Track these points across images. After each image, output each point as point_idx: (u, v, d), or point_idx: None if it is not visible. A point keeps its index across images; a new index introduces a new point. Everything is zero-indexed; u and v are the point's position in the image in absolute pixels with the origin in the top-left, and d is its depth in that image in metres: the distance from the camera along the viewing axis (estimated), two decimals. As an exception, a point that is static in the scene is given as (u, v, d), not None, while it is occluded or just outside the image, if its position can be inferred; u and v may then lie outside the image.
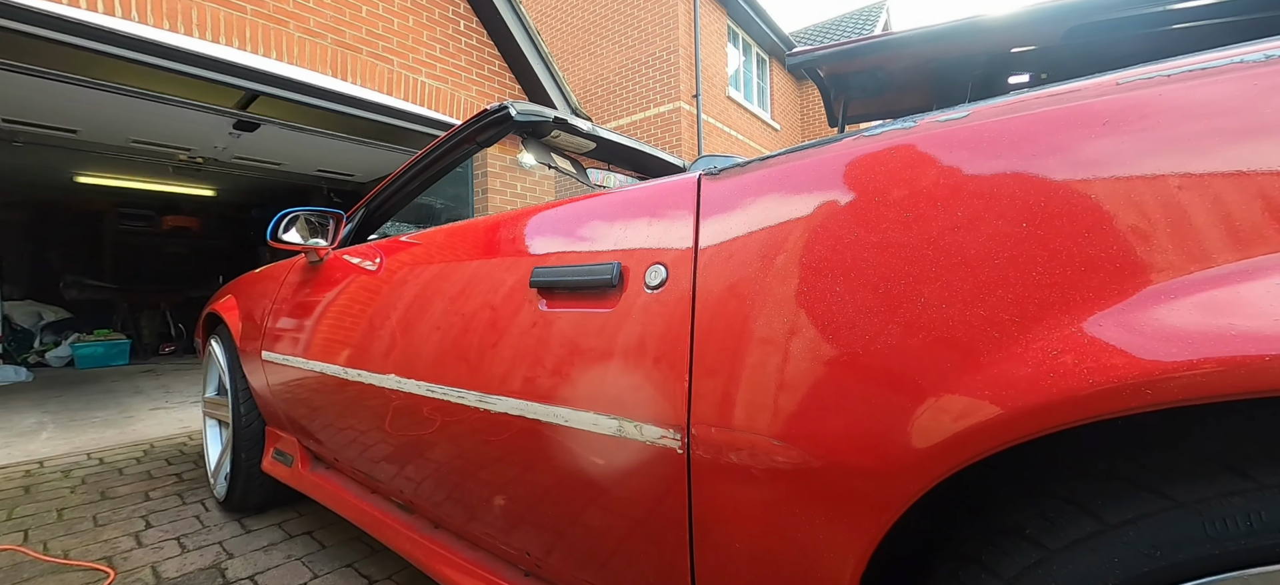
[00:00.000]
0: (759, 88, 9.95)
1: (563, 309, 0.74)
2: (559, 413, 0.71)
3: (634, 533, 0.68)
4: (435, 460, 1.01)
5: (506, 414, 0.79)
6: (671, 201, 0.69)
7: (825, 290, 0.52)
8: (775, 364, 0.54)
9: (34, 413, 3.50)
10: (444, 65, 4.27)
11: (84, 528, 1.76)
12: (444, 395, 0.90)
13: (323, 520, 1.81)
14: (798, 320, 0.53)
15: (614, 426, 0.65)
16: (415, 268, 1.08)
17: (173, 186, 6.80)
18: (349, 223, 1.48)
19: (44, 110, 3.94)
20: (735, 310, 0.57)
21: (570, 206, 0.82)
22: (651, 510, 0.65)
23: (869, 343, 0.49)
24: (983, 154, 0.48)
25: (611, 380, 0.66)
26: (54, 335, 6.18)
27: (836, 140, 0.58)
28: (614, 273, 0.68)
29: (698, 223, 0.64)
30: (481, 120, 1.34)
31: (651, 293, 0.65)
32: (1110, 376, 0.37)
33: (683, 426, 0.60)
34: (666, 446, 0.61)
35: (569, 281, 0.73)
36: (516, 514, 0.87)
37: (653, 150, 1.86)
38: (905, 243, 0.49)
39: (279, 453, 1.70)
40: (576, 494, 0.74)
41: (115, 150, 4.96)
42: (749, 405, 0.55)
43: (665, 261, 0.65)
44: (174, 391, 4.24)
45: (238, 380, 1.77)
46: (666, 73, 7.65)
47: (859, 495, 0.49)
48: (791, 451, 0.52)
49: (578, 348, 0.71)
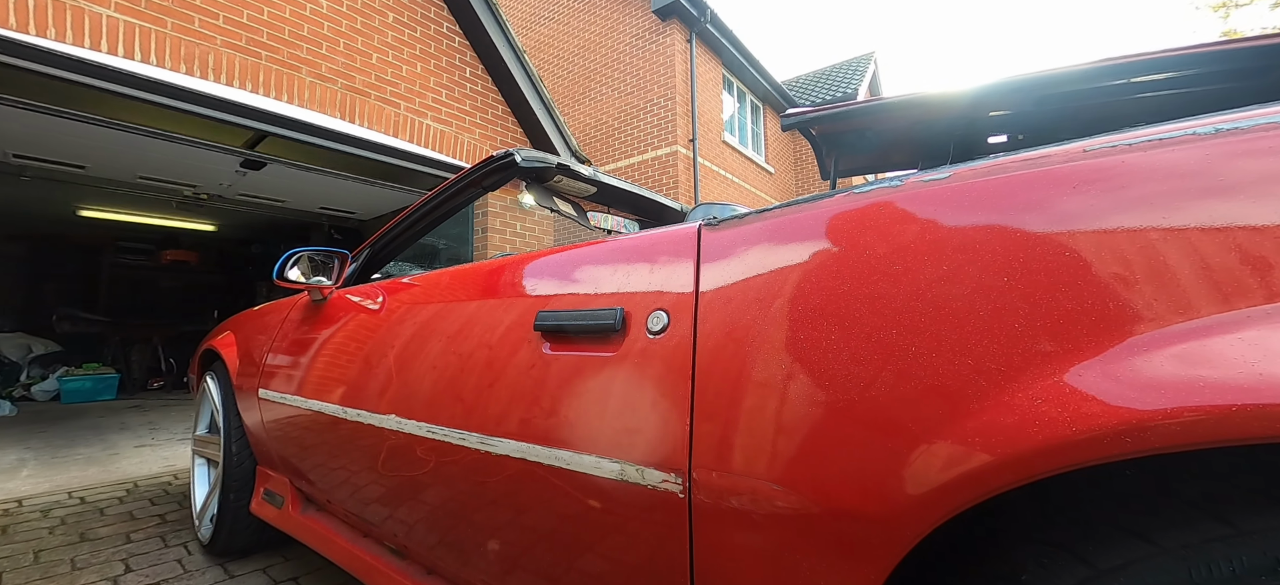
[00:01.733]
0: (753, 133, 10.25)
1: (565, 352, 0.76)
2: (561, 455, 0.72)
3: (634, 577, 0.68)
4: (432, 502, 1.01)
5: (507, 456, 0.79)
6: (673, 249, 0.71)
7: (821, 338, 0.54)
8: (774, 409, 0.55)
9: (15, 449, 3.42)
10: (449, 109, 4.40)
11: (61, 571, 1.70)
12: (444, 436, 0.90)
13: (309, 565, 1.76)
14: (794, 366, 0.55)
15: (616, 470, 0.66)
16: (419, 308, 1.10)
17: (175, 221, 6.85)
18: (354, 262, 1.51)
19: (54, 146, 4.01)
20: (734, 356, 0.59)
21: (574, 251, 0.85)
22: (652, 555, 0.65)
23: (863, 390, 0.51)
24: (965, 211, 0.51)
25: (613, 424, 0.68)
26: (41, 368, 6.10)
27: (828, 196, 0.61)
28: (617, 318, 0.70)
29: (698, 270, 0.67)
30: (488, 166, 1.39)
31: (654, 338, 0.67)
32: (1091, 425, 0.39)
33: (684, 471, 0.61)
34: (668, 490, 0.62)
35: (572, 325, 0.75)
36: (514, 557, 0.86)
37: (652, 195, 1.91)
38: (894, 294, 0.51)
39: (269, 493, 1.67)
40: (576, 538, 0.74)
41: (122, 186, 5.02)
42: (749, 450, 0.56)
43: (667, 307, 0.68)
44: (160, 428, 4.17)
45: (232, 418, 1.75)
46: (664, 118, 7.89)
47: (858, 540, 0.50)
48: (791, 496, 0.53)
49: (580, 391, 0.72)
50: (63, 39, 2.70)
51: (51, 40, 2.66)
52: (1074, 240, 0.45)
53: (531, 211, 4.99)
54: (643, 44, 8.24)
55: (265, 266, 7.99)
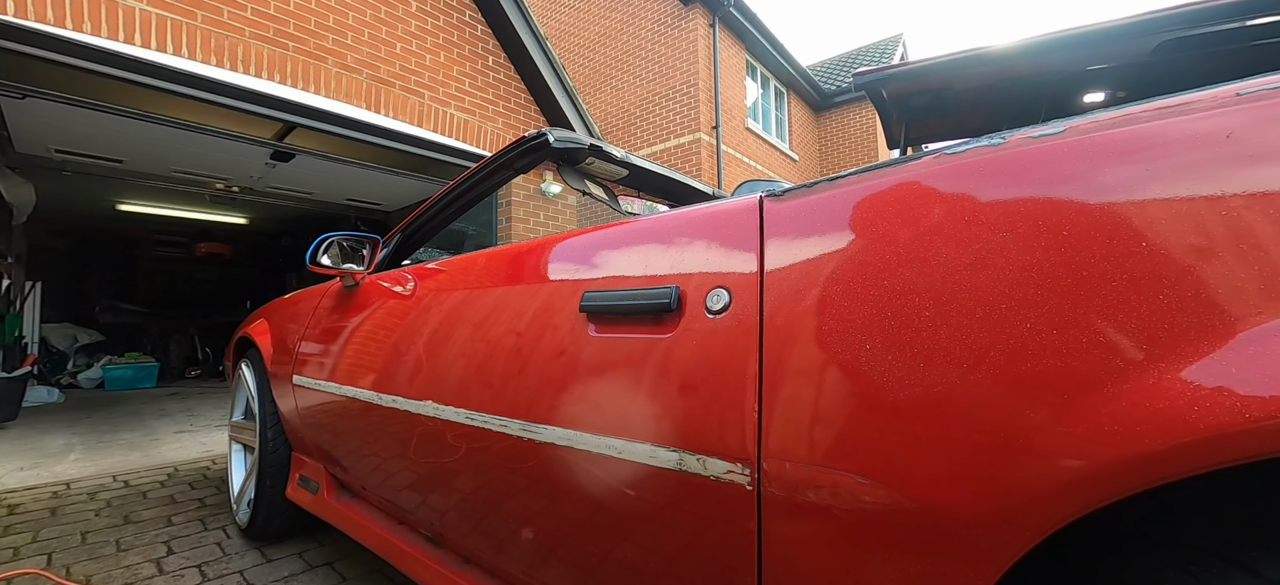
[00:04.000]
0: (777, 119, 10.04)
1: (615, 334, 0.71)
2: (611, 444, 0.67)
3: (691, 575, 0.63)
4: (469, 490, 0.98)
5: (552, 444, 0.75)
6: (732, 223, 0.66)
7: (917, 317, 0.48)
8: (862, 395, 0.50)
9: (63, 434, 3.55)
10: (472, 98, 4.39)
11: (107, 552, 1.74)
12: (484, 423, 0.87)
13: (343, 550, 1.77)
14: (886, 349, 0.49)
15: (674, 460, 0.61)
16: (454, 292, 1.07)
17: (208, 214, 7.02)
18: (385, 247, 1.49)
19: (93, 141, 4.12)
20: (810, 337, 0.54)
21: (622, 228, 0.80)
22: (714, 551, 0.60)
23: (968, 374, 0.45)
24: (1088, 171, 0.44)
25: (670, 410, 0.63)
26: (86, 357, 6.34)
27: (917, 157, 0.55)
28: (672, 297, 0.65)
29: (763, 245, 0.62)
30: (520, 147, 1.35)
31: (714, 318, 0.62)
32: (1260, 415, 0.33)
33: (752, 461, 0.56)
34: (734, 482, 0.57)
35: (622, 306, 0.70)
36: (557, 549, 0.82)
37: (684, 178, 1.85)
38: (1006, 265, 0.45)
39: (304, 479, 1.67)
40: (626, 530, 0.69)
41: (157, 179, 5.15)
42: (831, 439, 0.51)
43: (728, 285, 0.62)
44: (198, 415, 4.28)
45: (267, 404, 1.76)
46: (686, 105, 7.77)
47: (961, 543, 0.44)
48: (882, 492, 0.48)
49: (632, 375, 0.67)
50: (98, 33, 2.74)
51: (87, 34, 2.71)
52: (1242, 200, 0.38)
53: (555, 200, 4.96)
54: (665, 30, 8.11)
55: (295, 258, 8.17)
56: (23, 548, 1.77)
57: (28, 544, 1.80)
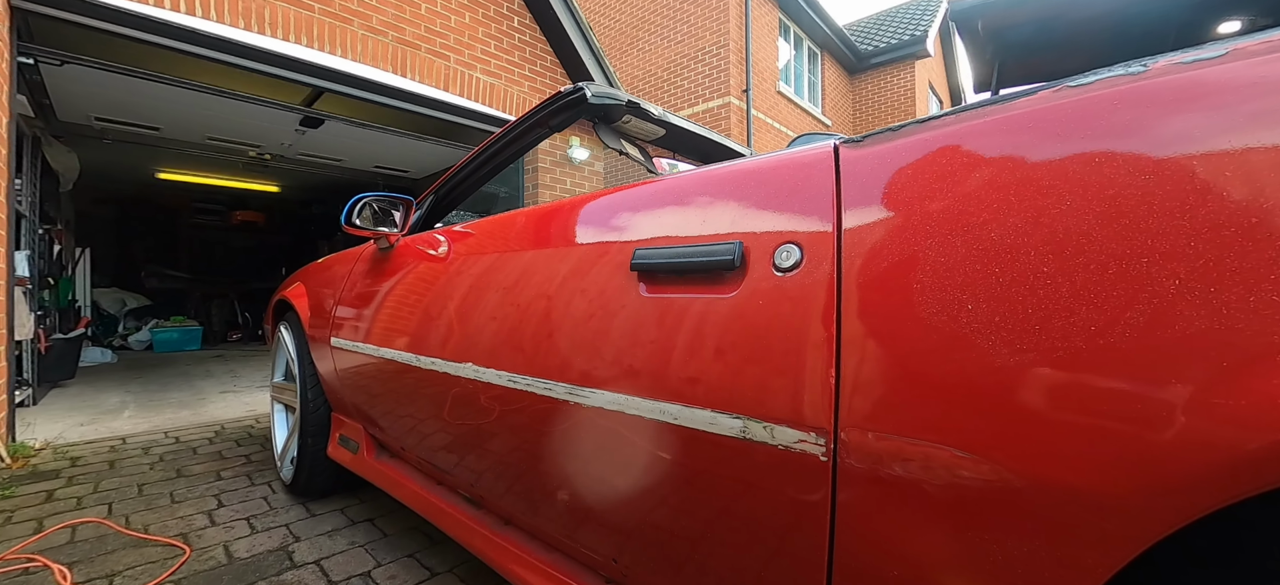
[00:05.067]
0: (810, 82, 9.66)
1: (669, 294, 0.67)
2: (667, 409, 0.64)
3: (752, 548, 0.60)
4: (511, 454, 0.96)
5: (601, 409, 0.72)
6: (803, 175, 0.60)
7: (1030, 274, 0.42)
8: (967, 363, 0.44)
9: (117, 392, 3.72)
10: (498, 61, 4.30)
11: (162, 503, 1.82)
12: (526, 386, 0.84)
13: (383, 508, 1.81)
14: (996, 312, 0.43)
15: (737, 427, 0.57)
16: (493, 253, 1.04)
17: (242, 183, 7.17)
18: (418, 209, 1.46)
19: (131, 109, 4.20)
20: (902, 297, 0.48)
21: (676, 183, 0.74)
22: (780, 525, 0.57)
23: (1098, 336, 0.39)
24: (1258, 103, 0.37)
25: (733, 374, 0.58)
26: (135, 321, 6.63)
27: (1028, 92, 0.48)
28: (735, 253, 0.60)
29: (839, 197, 0.56)
30: (556, 102, 1.29)
31: (783, 275, 0.57)
32: None
33: (828, 430, 0.51)
34: (806, 452, 0.53)
35: (679, 263, 0.65)
36: (602, 515, 0.80)
37: (722, 139, 1.77)
38: (1153, 214, 0.39)
39: (344, 438, 1.70)
40: (683, 500, 0.66)
41: (192, 147, 5.25)
42: (923, 409, 0.46)
43: (799, 241, 0.57)
44: (241, 376, 4.45)
45: (306, 366, 1.79)
46: (716, 67, 7.51)
47: (1078, 528, 0.39)
48: (984, 467, 0.43)
49: (689, 337, 0.63)
50: (131, -3, 2.74)
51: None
52: None
53: (581, 166, 4.89)
54: (694, -13, 7.80)
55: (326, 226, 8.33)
56: (85, 498, 1.86)
57: (90, 494, 1.89)
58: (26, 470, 2.12)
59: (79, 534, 1.59)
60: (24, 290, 3.05)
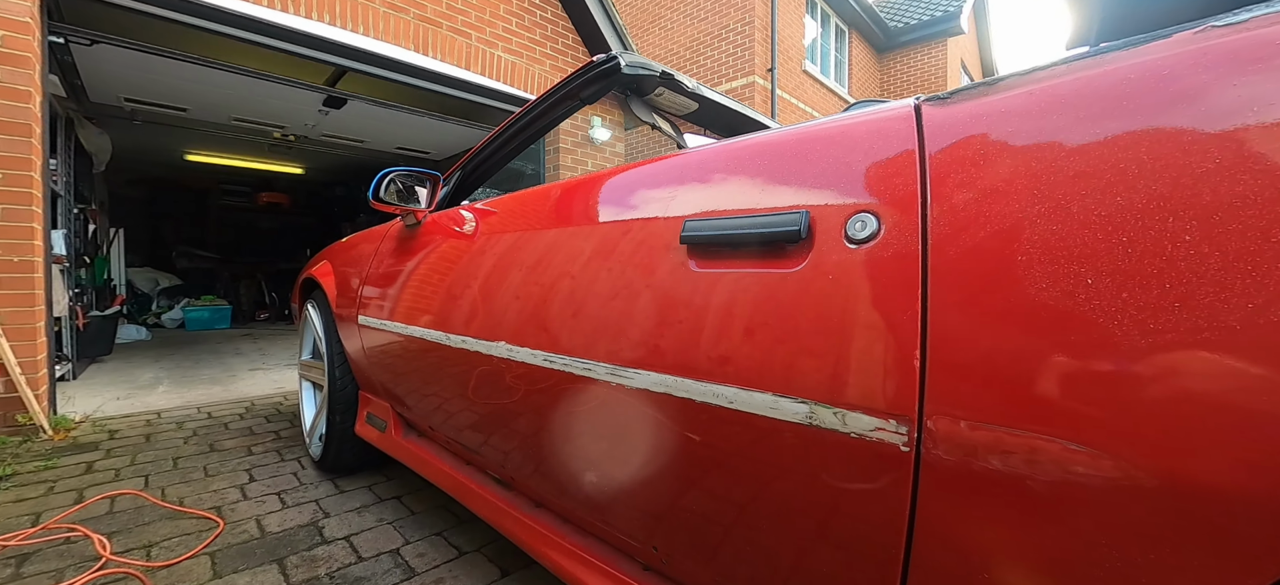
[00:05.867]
0: (837, 61, 9.38)
1: (723, 269, 0.62)
2: (720, 392, 0.59)
3: (814, 544, 0.56)
4: (546, 436, 0.93)
5: (646, 390, 0.68)
6: (879, 137, 0.54)
7: (1174, 246, 0.36)
8: (1079, 344, 0.39)
9: (152, 368, 3.82)
10: (519, 39, 4.24)
11: (196, 477, 1.85)
12: (564, 366, 0.80)
13: (410, 485, 1.81)
14: (1118, 287, 0.38)
15: (802, 412, 0.53)
16: (526, 228, 1.00)
17: (267, 164, 7.26)
18: (445, 185, 1.43)
19: (159, 89, 4.24)
20: (1003, 272, 0.43)
21: (731, 149, 0.69)
22: (849, 519, 0.52)
23: (1261, 314, 0.33)
24: None
25: (798, 355, 0.54)
26: (168, 299, 6.81)
27: (1158, 37, 0.42)
28: (801, 223, 0.55)
29: (924, 161, 0.50)
30: (588, 72, 1.24)
31: (856, 247, 0.52)
32: None
33: (911, 417, 0.46)
34: (884, 442, 0.48)
35: (735, 236, 0.60)
36: (646, 503, 0.76)
37: (758, 116, 1.70)
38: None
39: (372, 417, 1.70)
40: (734, 489, 0.62)
41: (219, 128, 5.31)
42: (1030, 396, 0.40)
43: (875, 209, 0.51)
44: (269, 354, 4.53)
45: (333, 344, 1.79)
46: (740, 45, 7.32)
47: (1228, 534, 0.34)
48: (1104, 463, 0.37)
49: (748, 315, 0.58)
50: (156, -27, 2.74)
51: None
52: None
53: (602, 147, 4.83)
54: (718, -39, 7.58)
55: (349, 207, 8.41)
56: (123, 470, 1.90)
57: (127, 466, 1.93)
58: (67, 442, 2.18)
59: (117, 505, 1.62)
60: (61, 268, 3.12)
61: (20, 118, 2.25)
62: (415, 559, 1.37)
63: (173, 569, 1.28)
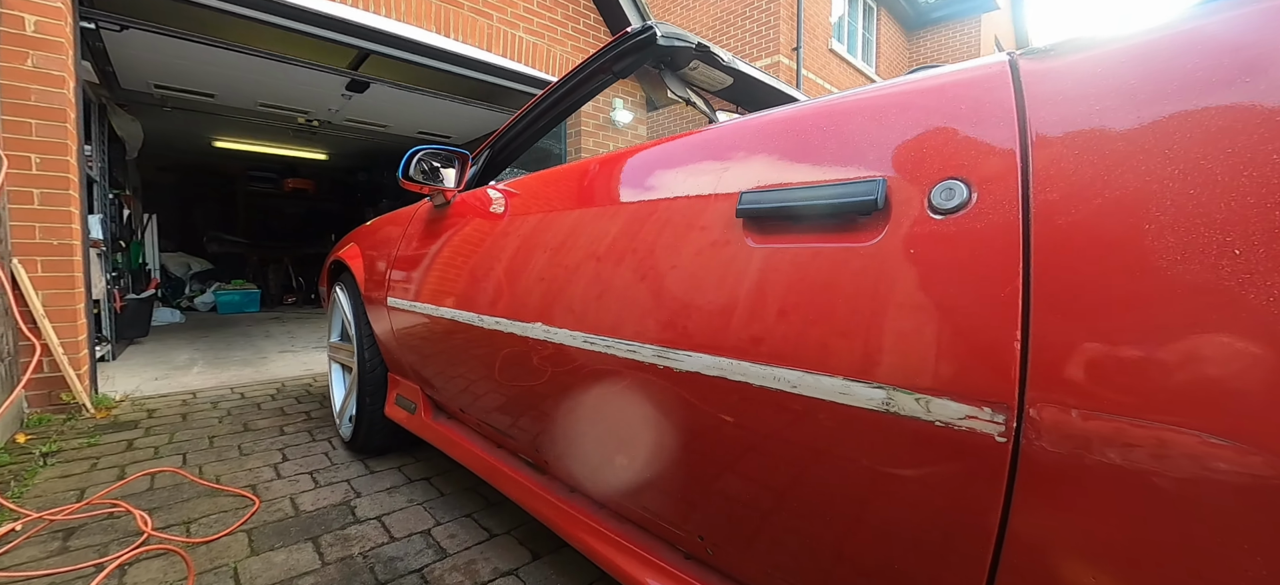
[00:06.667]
0: (864, 39, 9.09)
1: (786, 244, 0.57)
2: (783, 376, 0.55)
3: (885, 541, 0.52)
4: (584, 421, 0.90)
5: (697, 373, 0.64)
6: (968, 97, 0.49)
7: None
8: (1220, 324, 0.34)
9: (187, 350, 3.92)
10: (541, 19, 4.18)
11: (231, 456, 1.88)
12: (606, 348, 0.77)
13: (439, 467, 1.82)
14: (1273, 259, 0.33)
15: (877, 399, 0.48)
16: (563, 205, 0.96)
17: (292, 150, 7.36)
18: (474, 164, 1.40)
19: (187, 75, 4.30)
20: (1127, 243, 0.38)
21: (791, 115, 0.64)
22: (928, 515, 0.48)
23: None
24: None
25: (873, 335, 0.49)
26: (200, 284, 6.99)
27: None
28: (877, 193, 0.50)
29: (1023, 120, 0.45)
30: (622, 44, 1.19)
31: (942, 218, 0.47)
32: None
33: (1010, 405, 0.42)
34: (975, 431, 0.43)
35: (799, 208, 0.56)
36: (692, 492, 0.73)
37: (796, 92, 1.63)
38: None
39: (401, 399, 1.70)
40: (793, 479, 0.58)
41: (245, 114, 5.38)
42: (1159, 383, 0.36)
43: (966, 176, 0.46)
44: (298, 337, 4.62)
45: (362, 326, 1.79)
46: (765, 23, 7.13)
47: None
48: (1254, 460, 0.32)
49: (813, 292, 0.54)
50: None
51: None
52: None
53: (624, 130, 4.76)
54: (741, -64, 7.37)
55: (371, 193, 8.49)
56: (162, 448, 1.94)
57: (165, 444, 1.98)
58: (108, 420, 2.24)
59: (157, 482, 1.65)
60: (98, 252, 3.20)
61: (55, 102, 2.28)
62: (446, 540, 1.37)
63: (211, 546, 1.30)
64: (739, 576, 0.74)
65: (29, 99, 2.23)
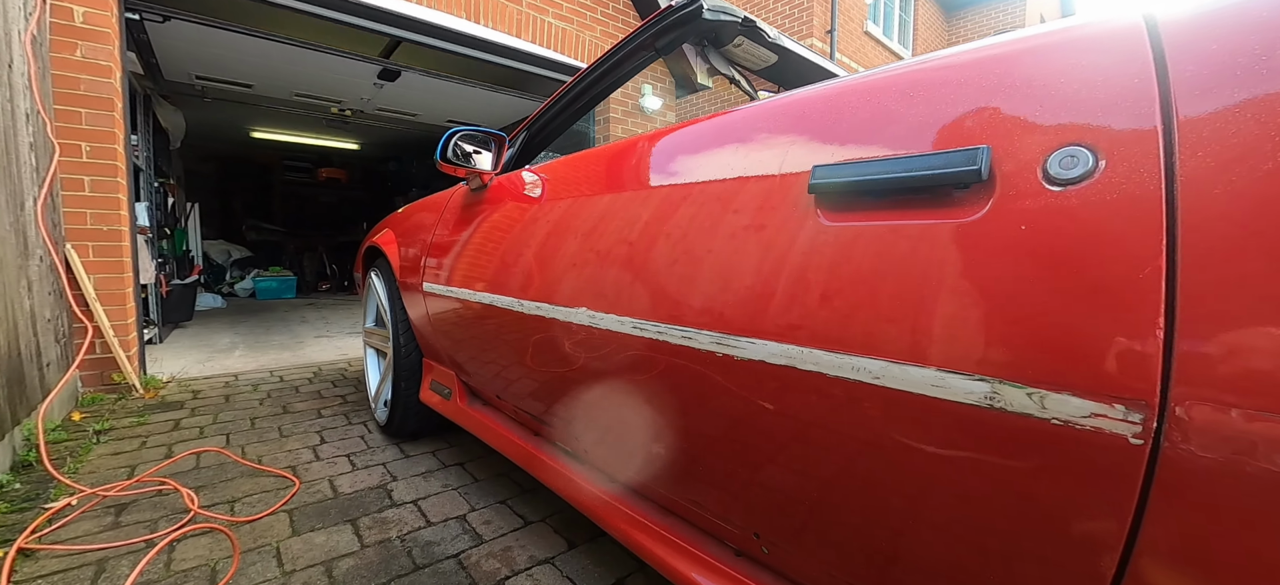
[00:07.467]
0: (901, 21, 8.77)
1: (867, 221, 0.52)
2: (862, 365, 0.50)
3: (981, 554, 0.47)
4: (631, 409, 0.87)
5: (761, 362, 0.60)
6: (1093, 54, 0.43)
7: None
8: None
9: (228, 334, 4.04)
10: (570, 4, 4.13)
11: (272, 437, 1.91)
12: (658, 334, 0.73)
13: (473, 452, 1.82)
14: None
15: (981, 392, 0.43)
16: (608, 187, 0.92)
17: (325, 140, 7.51)
18: (511, 147, 1.37)
19: (226, 66, 4.40)
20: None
21: (868, 81, 0.59)
22: (1037, 524, 0.43)
23: None
24: None
25: (975, 321, 0.44)
26: (239, 270, 7.22)
27: None
28: (980, 162, 0.44)
29: (1166, 80, 0.39)
30: (666, 19, 1.14)
31: (1062, 189, 0.41)
32: None
33: (1149, 403, 0.36)
34: (1103, 430, 0.38)
35: (882, 182, 0.51)
36: (750, 488, 0.69)
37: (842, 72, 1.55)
38: None
39: (436, 384, 1.70)
40: (872, 478, 0.53)
41: (281, 104, 5.50)
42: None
43: (1092, 142, 0.41)
44: (332, 322, 4.72)
45: (397, 311, 1.79)
46: (798, 5, 6.92)
47: None
48: None
49: (900, 274, 0.49)
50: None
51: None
52: None
53: (653, 117, 4.69)
54: (772, -84, 7.16)
55: (401, 181, 8.62)
56: (206, 428, 1.99)
57: (210, 424, 2.03)
58: (156, 401, 2.32)
59: (202, 461, 1.69)
60: (145, 238, 3.31)
61: (103, 92, 2.34)
62: (482, 526, 1.36)
63: (255, 525, 1.32)
64: (796, 577, 0.70)
65: (78, 88, 2.29)
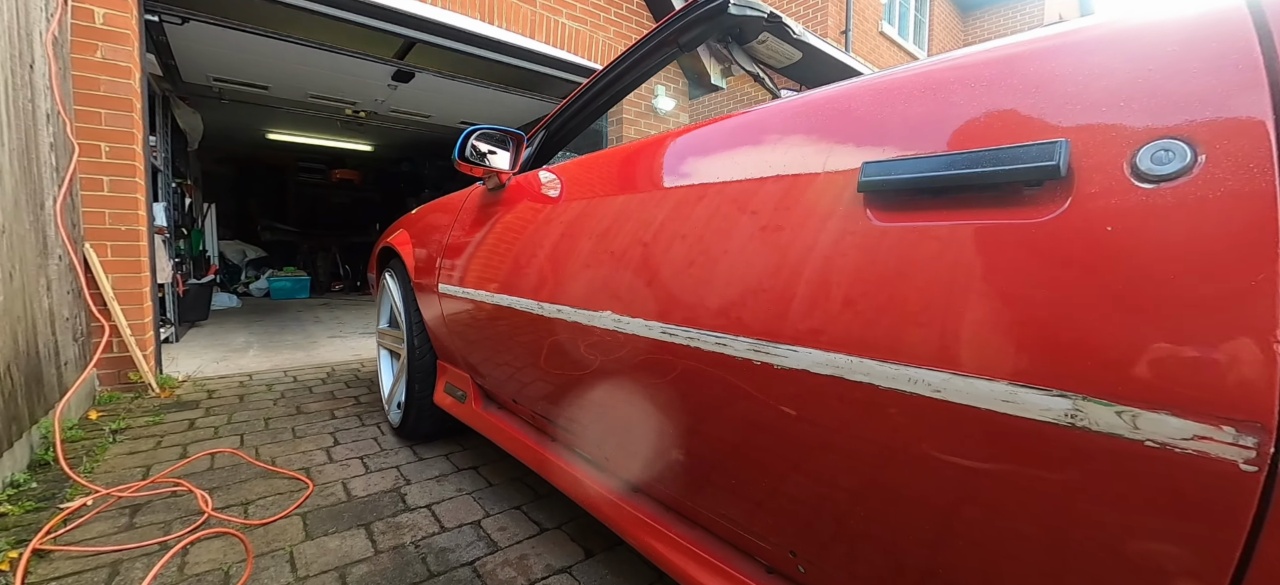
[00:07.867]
0: (917, 21, 8.67)
1: (923, 222, 0.48)
2: (921, 377, 0.47)
3: (1054, 580, 0.43)
4: (658, 418, 0.83)
5: (805, 371, 0.56)
6: (1190, 39, 0.39)
7: None
8: None
9: (243, 333, 4.07)
10: (583, 4, 4.11)
11: (285, 438, 1.90)
12: (689, 340, 0.70)
13: (486, 456, 1.79)
14: None
15: (1061, 409, 0.39)
16: (632, 186, 0.89)
17: (339, 142, 7.56)
18: (529, 145, 1.35)
19: (243, 68, 4.44)
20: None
21: (922, 72, 0.55)
22: (1121, 560, 0.39)
23: None
24: None
25: (1050, 332, 0.40)
26: (254, 270, 7.29)
27: None
28: (1058, 156, 0.41)
29: (1276, 71, 0.35)
30: (691, 13, 1.11)
31: (1154, 187, 0.37)
32: None
33: (1266, 425, 0.32)
34: (1208, 455, 0.34)
35: (944, 179, 0.47)
36: (788, 504, 0.65)
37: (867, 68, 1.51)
38: None
39: (450, 386, 1.68)
40: (933, 500, 0.50)
41: (296, 105, 5.54)
42: None
43: (1188, 135, 0.37)
44: (345, 323, 4.74)
45: (412, 313, 1.77)
46: (812, 5, 6.87)
47: None
48: None
49: (966, 277, 0.45)
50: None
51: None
52: None
53: (666, 118, 4.66)
54: (785, -83, 7.11)
55: (414, 183, 8.66)
56: (221, 428, 1.99)
57: (224, 424, 2.02)
58: (172, 400, 2.32)
59: (217, 462, 1.68)
60: (162, 238, 3.33)
61: (122, 93, 2.36)
62: (497, 533, 1.34)
63: (268, 528, 1.30)
64: (836, 599, 0.66)
65: (98, 89, 2.31)
